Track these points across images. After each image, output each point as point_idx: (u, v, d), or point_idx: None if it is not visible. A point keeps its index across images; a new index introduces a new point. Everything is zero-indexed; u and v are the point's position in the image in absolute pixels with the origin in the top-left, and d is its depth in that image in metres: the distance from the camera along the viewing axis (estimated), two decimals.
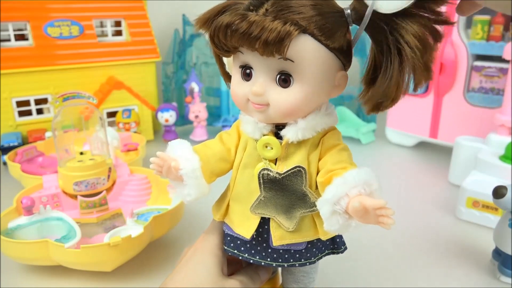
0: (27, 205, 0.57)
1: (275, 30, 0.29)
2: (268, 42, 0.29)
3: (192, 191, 0.36)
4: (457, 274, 0.57)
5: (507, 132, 0.75)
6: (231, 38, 0.31)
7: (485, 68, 0.88)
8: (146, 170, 0.74)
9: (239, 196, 0.38)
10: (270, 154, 0.36)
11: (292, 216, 0.37)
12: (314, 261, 0.39)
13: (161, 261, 0.59)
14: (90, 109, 0.71)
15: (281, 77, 0.33)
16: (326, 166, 0.35)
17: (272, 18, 0.29)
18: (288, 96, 0.33)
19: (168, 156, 0.36)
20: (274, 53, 0.30)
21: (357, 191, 0.31)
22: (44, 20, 1.00)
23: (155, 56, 1.12)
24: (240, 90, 0.35)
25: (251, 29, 0.29)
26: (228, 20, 0.30)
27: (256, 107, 0.34)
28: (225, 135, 0.40)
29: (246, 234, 0.38)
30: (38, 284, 0.55)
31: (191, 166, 0.35)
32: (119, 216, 0.65)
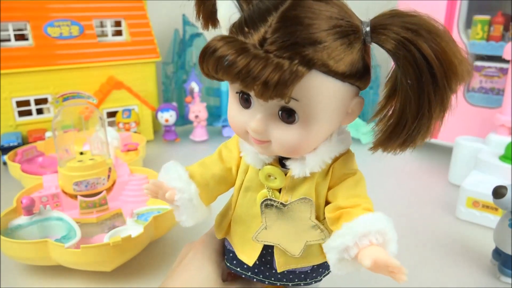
0: (27, 205, 0.57)
1: (277, 73, 0.24)
2: (268, 86, 0.24)
3: (189, 219, 0.35)
4: (457, 274, 0.57)
5: (507, 132, 0.75)
6: (222, 74, 0.26)
7: (485, 68, 0.88)
8: (146, 170, 0.74)
9: (241, 219, 0.36)
10: (273, 184, 0.33)
11: (298, 245, 0.34)
12: (320, 279, 0.38)
13: (161, 261, 0.59)
14: (90, 109, 0.71)
15: (284, 112, 0.28)
16: (335, 201, 0.32)
17: (274, 55, 0.25)
18: (293, 134, 0.29)
19: (162, 184, 0.34)
20: (274, 98, 0.25)
21: (368, 241, 0.28)
22: (44, 20, 1.00)
23: (155, 56, 1.12)
24: (238, 119, 0.31)
25: (248, 68, 0.24)
26: (222, 52, 0.25)
27: (256, 143, 0.30)
28: (225, 151, 0.36)
29: (248, 261, 0.36)
30: (38, 284, 0.55)
31: (187, 196, 0.33)
32: (119, 216, 0.65)
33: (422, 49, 0.25)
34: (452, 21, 0.88)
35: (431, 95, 0.26)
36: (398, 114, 0.28)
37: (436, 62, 0.25)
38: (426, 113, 0.27)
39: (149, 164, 0.86)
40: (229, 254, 0.39)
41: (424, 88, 0.26)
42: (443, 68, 0.25)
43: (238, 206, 0.36)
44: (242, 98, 0.30)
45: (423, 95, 0.26)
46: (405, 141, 0.29)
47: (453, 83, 0.26)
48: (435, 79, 0.25)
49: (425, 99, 0.26)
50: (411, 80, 0.26)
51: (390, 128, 0.29)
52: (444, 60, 0.25)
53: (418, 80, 0.26)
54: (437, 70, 0.25)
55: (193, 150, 1.05)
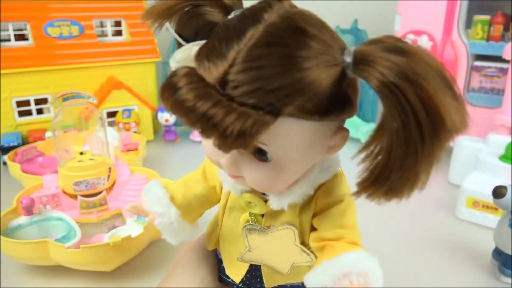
0: (27, 205, 0.57)
1: (239, 122, 0.21)
2: (227, 136, 0.21)
3: (172, 240, 0.34)
4: (457, 274, 0.57)
5: (507, 132, 0.75)
6: (181, 118, 0.23)
7: (485, 68, 0.88)
8: (146, 170, 0.74)
9: (227, 237, 0.35)
10: (254, 210, 0.32)
11: (285, 265, 0.33)
12: None
13: (161, 261, 0.59)
14: (90, 109, 0.71)
15: (258, 150, 0.25)
16: (319, 231, 0.30)
17: (237, 102, 0.21)
18: (265, 172, 0.26)
19: (141, 208, 0.34)
20: (234, 149, 0.23)
21: (348, 282, 0.26)
22: (44, 20, 1.00)
23: (155, 56, 1.12)
24: (211, 152, 0.28)
25: (207, 115, 0.21)
26: (180, 96, 0.22)
27: (231, 177, 0.29)
28: (209, 168, 0.35)
29: (236, 279, 0.36)
30: (38, 284, 0.55)
31: (167, 220, 0.33)
32: (119, 216, 0.65)
33: (409, 98, 0.21)
34: (452, 21, 0.88)
35: (418, 145, 0.22)
36: (385, 155, 0.23)
37: (422, 111, 0.21)
38: (412, 164, 0.23)
39: (149, 164, 0.86)
40: (221, 264, 0.39)
41: (411, 135, 0.22)
42: (430, 119, 0.21)
43: (224, 224, 0.35)
44: None
45: (409, 143, 0.22)
46: (390, 189, 0.25)
47: (442, 135, 0.22)
48: (422, 129, 0.21)
49: (412, 148, 0.22)
50: (397, 123, 0.22)
51: (377, 170, 0.24)
52: (431, 109, 0.21)
53: (404, 126, 0.22)
54: (423, 120, 0.21)
55: (193, 150, 1.05)
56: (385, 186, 0.25)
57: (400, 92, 0.21)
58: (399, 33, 0.95)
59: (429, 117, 0.21)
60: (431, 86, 0.21)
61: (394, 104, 0.21)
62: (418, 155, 0.22)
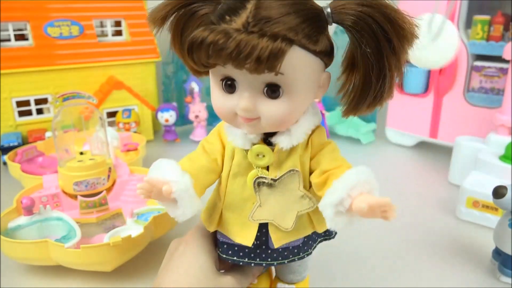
0: (27, 205, 0.57)
1: (266, 49, 0.27)
2: (261, 61, 0.27)
3: (187, 210, 0.35)
4: (457, 274, 0.57)
5: (507, 132, 0.75)
6: (215, 58, 0.28)
7: (485, 68, 0.88)
8: (146, 170, 0.74)
9: (233, 205, 0.38)
10: (262, 162, 0.35)
11: (290, 217, 0.37)
12: (310, 252, 0.41)
13: (161, 261, 0.59)
14: (90, 109, 0.71)
15: (269, 88, 0.31)
16: (320, 166, 0.35)
17: (258, 35, 0.27)
18: (280, 107, 0.31)
19: (157, 179, 0.34)
20: (266, 71, 0.28)
21: (358, 191, 0.31)
22: (44, 20, 1.00)
23: (155, 56, 1.12)
24: (225, 104, 0.33)
25: (239, 48, 0.27)
26: (211, 39, 0.27)
27: (246, 121, 0.32)
28: (208, 145, 0.38)
29: (247, 242, 0.38)
30: (38, 284, 0.55)
31: (184, 187, 0.34)
32: (119, 216, 0.65)
33: (377, 19, 0.29)
34: (452, 21, 0.88)
35: (390, 57, 0.30)
36: (363, 80, 0.32)
37: (390, 29, 0.29)
38: (387, 73, 0.31)
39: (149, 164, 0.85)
40: (223, 246, 0.40)
41: (383, 52, 0.30)
42: (396, 33, 0.29)
43: (228, 193, 0.37)
44: (226, 84, 0.32)
45: (382, 59, 0.30)
46: (373, 101, 0.33)
47: (405, 44, 0.30)
48: (391, 43, 0.30)
49: (385, 62, 0.30)
50: (371, 48, 0.30)
51: (357, 95, 0.33)
52: (396, 26, 0.29)
53: (377, 47, 0.30)
54: (392, 36, 0.29)
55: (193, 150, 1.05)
56: (368, 101, 0.33)
57: (370, 18, 0.29)
58: None
59: (394, 30, 0.29)
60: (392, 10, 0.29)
61: (368, 31, 0.29)
62: (391, 66, 0.31)
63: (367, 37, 0.30)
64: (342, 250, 0.61)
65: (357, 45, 0.31)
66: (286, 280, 0.46)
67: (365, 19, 0.29)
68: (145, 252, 0.58)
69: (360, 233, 0.66)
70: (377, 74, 0.31)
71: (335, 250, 0.61)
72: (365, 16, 0.29)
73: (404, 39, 0.30)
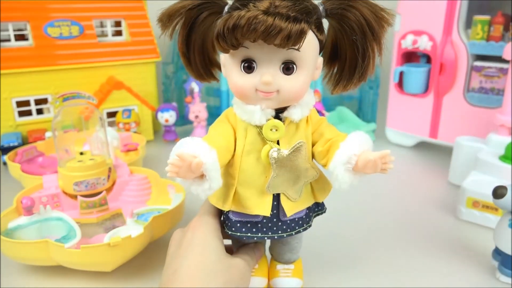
0: (27, 205, 0.57)
1: (294, 28, 0.32)
2: (290, 37, 0.33)
3: (214, 183, 0.36)
4: (457, 274, 0.57)
5: (507, 132, 0.75)
6: (249, 36, 0.33)
7: (485, 68, 0.88)
8: (146, 170, 0.74)
9: (248, 181, 0.41)
10: (275, 136, 0.39)
11: (298, 187, 0.42)
12: (311, 225, 0.45)
13: (161, 261, 0.59)
14: (90, 109, 0.71)
15: (285, 66, 0.37)
16: (324, 136, 0.42)
17: (285, 17, 0.33)
18: (295, 81, 0.37)
19: (188, 154, 0.35)
20: (292, 46, 0.34)
21: (362, 149, 0.37)
22: (44, 20, 1.00)
23: (155, 56, 1.12)
24: (246, 82, 0.38)
25: (271, 27, 0.32)
26: (245, 20, 0.32)
27: (266, 95, 0.38)
28: (219, 129, 0.41)
29: (266, 213, 0.41)
30: (38, 284, 0.55)
31: (212, 160, 0.36)
32: (119, 216, 0.65)
33: (361, 11, 0.36)
34: (452, 21, 0.88)
35: (371, 41, 0.38)
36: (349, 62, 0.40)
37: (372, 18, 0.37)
38: (371, 54, 0.38)
39: (149, 164, 0.86)
40: (236, 224, 0.43)
41: (366, 38, 0.37)
42: (377, 22, 0.37)
43: (242, 171, 0.41)
44: (246, 65, 0.37)
45: (366, 43, 0.38)
46: (359, 77, 0.40)
47: (384, 29, 0.38)
48: (373, 29, 0.37)
49: (368, 45, 0.38)
50: (356, 35, 0.37)
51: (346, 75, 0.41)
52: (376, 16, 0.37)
53: (361, 34, 0.37)
54: (374, 24, 0.37)
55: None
56: (355, 78, 0.40)
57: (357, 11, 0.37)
58: (399, 33, 0.95)
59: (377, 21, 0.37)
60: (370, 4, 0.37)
61: (355, 21, 0.37)
62: (373, 47, 0.38)
63: (354, 26, 0.37)
64: (341, 249, 0.61)
65: (344, 34, 0.38)
66: (283, 260, 0.50)
67: (352, 12, 0.37)
68: (145, 252, 0.58)
69: (359, 233, 0.66)
70: (362, 56, 0.38)
71: (334, 249, 0.61)
72: (352, 9, 0.37)
73: (383, 25, 0.37)
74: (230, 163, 0.41)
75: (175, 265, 0.38)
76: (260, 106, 0.38)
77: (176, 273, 0.37)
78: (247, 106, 0.39)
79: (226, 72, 0.40)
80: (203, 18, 0.39)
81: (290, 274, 0.49)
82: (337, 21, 0.38)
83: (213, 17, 0.39)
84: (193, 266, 0.37)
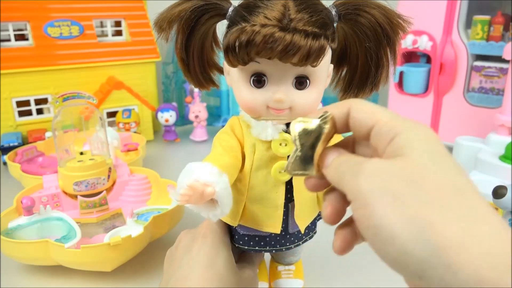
0: (27, 205, 0.57)
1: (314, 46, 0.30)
2: (310, 56, 0.30)
3: (226, 209, 0.35)
4: None
5: (507, 132, 0.75)
6: (265, 53, 0.30)
7: (485, 68, 0.88)
8: (146, 170, 0.74)
9: (257, 197, 0.39)
10: (285, 150, 0.37)
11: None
12: (316, 231, 0.45)
13: (161, 261, 0.59)
14: (90, 109, 0.71)
15: (298, 80, 0.34)
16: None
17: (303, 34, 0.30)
18: (309, 96, 0.35)
19: (199, 183, 0.33)
20: (310, 64, 0.32)
21: None
22: (44, 20, 1.00)
23: (155, 56, 1.12)
24: (256, 98, 0.35)
25: (289, 46, 0.30)
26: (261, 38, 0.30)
27: (278, 112, 0.35)
28: (225, 143, 0.39)
29: (277, 230, 0.40)
30: (38, 284, 0.55)
31: (224, 185, 0.34)
32: (119, 216, 0.65)
33: (376, 17, 0.34)
34: (452, 21, 0.88)
35: (386, 49, 0.36)
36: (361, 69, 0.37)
37: (388, 25, 0.34)
38: (384, 62, 0.36)
39: (149, 164, 0.86)
40: (244, 238, 0.42)
41: (380, 45, 0.35)
42: (393, 29, 0.35)
43: (252, 186, 0.39)
44: (256, 80, 0.34)
45: (380, 51, 0.35)
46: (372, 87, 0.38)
47: (399, 36, 0.35)
48: (388, 37, 0.35)
49: (382, 53, 0.36)
50: (370, 42, 0.35)
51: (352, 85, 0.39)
52: (392, 23, 0.34)
53: (376, 41, 0.35)
54: (390, 31, 0.35)
55: (193, 150, 1.05)
56: (368, 87, 0.38)
57: (369, 15, 0.34)
58: None
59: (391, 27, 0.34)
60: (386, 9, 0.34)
61: (369, 27, 0.34)
62: (387, 56, 0.36)
63: (369, 33, 0.34)
64: None
65: (356, 39, 0.36)
66: (285, 262, 0.49)
67: (366, 17, 0.34)
68: (145, 252, 0.58)
69: None
70: (375, 64, 0.36)
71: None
72: (366, 14, 0.34)
73: (397, 32, 0.35)
74: (239, 178, 0.40)
75: (185, 272, 0.37)
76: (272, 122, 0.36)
77: (187, 279, 0.36)
78: (259, 123, 0.37)
79: (232, 83, 0.37)
80: (203, 21, 0.36)
81: (292, 275, 0.49)
82: (349, 26, 0.35)
83: (214, 19, 0.36)
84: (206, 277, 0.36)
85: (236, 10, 0.34)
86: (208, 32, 0.38)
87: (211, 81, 0.41)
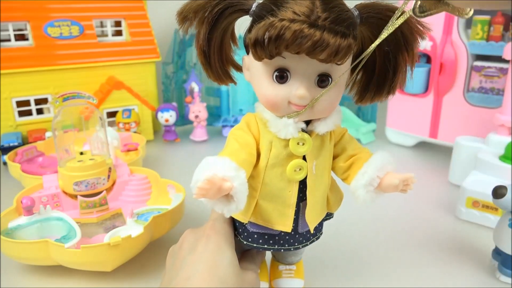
0: (27, 205, 0.57)
1: (342, 44, 0.30)
2: (338, 53, 0.31)
3: (241, 204, 0.35)
4: (456, 274, 0.57)
5: (507, 132, 0.75)
6: (293, 47, 0.30)
7: (485, 68, 0.88)
8: (146, 170, 0.74)
9: (270, 195, 0.39)
10: (302, 149, 0.38)
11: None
12: (322, 232, 0.45)
13: (161, 261, 0.59)
14: (90, 109, 0.71)
15: (320, 78, 0.35)
16: (346, 152, 0.41)
17: (334, 31, 0.30)
18: (330, 94, 0.35)
19: (217, 177, 0.33)
20: (337, 61, 0.32)
21: (385, 171, 0.37)
22: (44, 20, 1.00)
23: (155, 56, 1.12)
24: (278, 93, 0.35)
25: (318, 43, 0.30)
26: (295, 28, 0.30)
27: (299, 108, 0.36)
28: (241, 140, 0.38)
29: (287, 229, 0.40)
30: (38, 284, 0.55)
31: (241, 181, 0.34)
32: (119, 216, 0.65)
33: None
34: (452, 21, 0.88)
35: (405, 53, 0.36)
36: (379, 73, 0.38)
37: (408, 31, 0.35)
38: (403, 66, 0.37)
39: (149, 164, 0.86)
40: (253, 235, 0.42)
41: (400, 51, 0.36)
42: (412, 34, 0.35)
43: (266, 183, 0.39)
44: (279, 75, 0.35)
45: (399, 55, 0.36)
46: (389, 91, 0.38)
47: (417, 42, 0.36)
48: (407, 43, 0.36)
49: (401, 57, 0.36)
50: (389, 46, 0.36)
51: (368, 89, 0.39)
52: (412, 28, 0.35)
53: (395, 46, 0.36)
54: (410, 37, 0.35)
55: (193, 150, 1.05)
56: (384, 90, 0.38)
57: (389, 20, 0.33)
58: None
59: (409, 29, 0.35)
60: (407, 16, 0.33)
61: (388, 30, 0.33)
62: (405, 59, 0.36)
63: (389, 38, 0.34)
64: (341, 249, 0.61)
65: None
66: (286, 262, 0.49)
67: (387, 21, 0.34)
68: (145, 252, 0.58)
69: (359, 232, 0.66)
70: (394, 68, 0.37)
71: (333, 249, 0.61)
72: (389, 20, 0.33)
73: (417, 37, 0.36)
74: (252, 175, 0.39)
75: (188, 272, 0.37)
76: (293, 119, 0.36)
77: (190, 280, 0.36)
78: (276, 121, 0.37)
79: (252, 78, 0.37)
80: (227, 14, 0.35)
81: (293, 274, 0.49)
82: (369, 29, 0.36)
83: (237, 14, 0.36)
84: (208, 278, 0.36)
85: (263, 4, 0.34)
86: (228, 27, 0.37)
87: (229, 76, 0.41)
